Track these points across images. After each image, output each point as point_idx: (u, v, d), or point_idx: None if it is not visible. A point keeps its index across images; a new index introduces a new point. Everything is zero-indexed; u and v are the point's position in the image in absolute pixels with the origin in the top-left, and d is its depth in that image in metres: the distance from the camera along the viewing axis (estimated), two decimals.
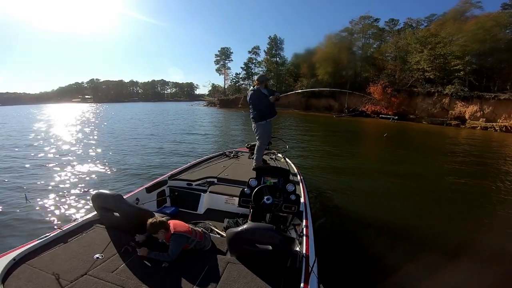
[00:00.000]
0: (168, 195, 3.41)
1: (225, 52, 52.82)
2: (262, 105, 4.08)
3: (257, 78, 4.21)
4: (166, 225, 1.94)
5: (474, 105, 24.25)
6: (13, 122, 22.46)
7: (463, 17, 27.66)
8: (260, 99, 4.06)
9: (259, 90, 4.07)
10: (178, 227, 1.97)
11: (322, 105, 35.61)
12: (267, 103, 4.06)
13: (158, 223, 1.90)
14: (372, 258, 3.33)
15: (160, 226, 1.90)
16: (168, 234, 1.92)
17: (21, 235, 3.49)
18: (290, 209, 2.67)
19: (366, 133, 19.64)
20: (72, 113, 35.31)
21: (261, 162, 4.28)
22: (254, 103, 4.11)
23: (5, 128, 17.03)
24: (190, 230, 2.01)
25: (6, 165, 7.21)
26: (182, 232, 1.94)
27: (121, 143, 11.05)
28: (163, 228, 1.91)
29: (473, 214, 4.92)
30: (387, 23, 38.72)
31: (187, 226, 2.06)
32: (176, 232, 1.92)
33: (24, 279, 1.58)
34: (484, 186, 6.51)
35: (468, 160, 9.73)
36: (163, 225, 1.92)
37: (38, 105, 69.61)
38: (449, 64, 26.32)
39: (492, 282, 2.96)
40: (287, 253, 1.85)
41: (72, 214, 4.13)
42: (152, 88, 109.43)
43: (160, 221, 1.92)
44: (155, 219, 1.92)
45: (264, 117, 4.16)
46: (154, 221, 1.90)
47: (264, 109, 4.12)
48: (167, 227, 1.93)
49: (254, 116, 4.19)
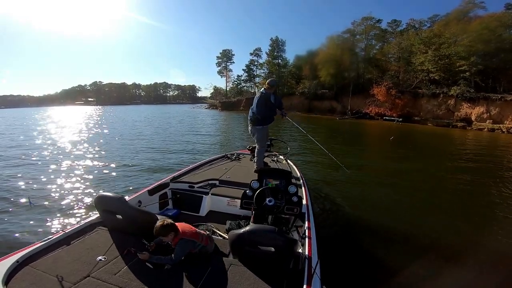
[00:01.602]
0: (170, 197, 3.41)
1: (226, 54, 52.79)
2: (266, 112, 4.07)
3: (268, 82, 4.12)
4: (176, 229, 1.92)
5: (480, 107, 23.82)
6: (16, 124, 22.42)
7: (466, 18, 27.54)
8: (265, 105, 4.02)
9: (269, 95, 4.05)
10: (186, 232, 1.95)
11: (325, 107, 35.29)
12: (270, 112, 4.09)
13: (169, 226, 1.88)
14: (374, 260, 3.31)
15: (171, 229, 1.88)
16: (176, 238, 1.90)
17: (25, 237, 3.49)
18: (292, 210, 2.69)
19: (370, 136, 19.35)
20: (76, 115, 35.48)
21: (262, 164, 4.21)
22: (259, 107, 4.05)
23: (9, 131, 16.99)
24: (197, 234, 2.00)
25: (11, 167, 7.20)
26: (190, 237, 1.93)
27: (123, 146, 11.00)
28: (173, 231, 1.89)
29: (478, 217, 4.82)
30: (390, 24, 38.58)
31: (194, 230, 2.04)
32: (184, 237, 1.90)
33: (27, 281, 1.58)
34: (490, 189, 6.34)
35: (475, 163, 9.51)
36: (173, 228, 1.90)
37: (41, 107, 69.92)
38: (454, 65, 25.98)
39: (496, 284, 2.94)
40: (289, 255, 1.85)
41: (75, 217, 4.13)
42: (154, 90, 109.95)
43: (171, 224, 1.89)
44: (166, 222, 1.89)
45: (263, 123, 4.17)
46: (165, 223, 1.87)
47: (266, 116, 4.13)
48: (177, 231, 1.91)
49: (254, 119, 4.16)
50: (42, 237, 2.04)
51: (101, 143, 11.84)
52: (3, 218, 4.09)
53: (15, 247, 1.98)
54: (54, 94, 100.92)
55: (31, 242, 1.97)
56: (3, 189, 5.40)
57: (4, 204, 4.63)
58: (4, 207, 4.50)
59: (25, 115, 36.90)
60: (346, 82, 34.37)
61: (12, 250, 1.85)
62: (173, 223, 1.92)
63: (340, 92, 34.49)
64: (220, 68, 53.11)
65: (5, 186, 5.59)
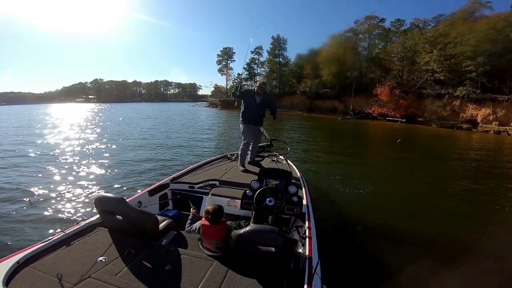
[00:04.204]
0: (170, 198, 3.44)
1: (227, 52, 52.17)
2: (263, 113, 4.29)
3: (261, 85, 4.24)
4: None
5: (486, 108, 23.25)
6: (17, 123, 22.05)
7: (472, 18, 27.02)
8: (264, 107, 4.26)
9: (269, 97, 4.34)
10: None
11: (326, 106, 34.77)
12: (264, 112, 4.32)
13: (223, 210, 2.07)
14: (375, 259, 3.29)
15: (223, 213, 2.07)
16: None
17: (25, 238, 3.48)
18: (292, 210, 2.70)
19: (373, 137, 18.91)
20: (76, 113, 35.14)
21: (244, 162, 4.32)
22: (260, 108, 4.20)
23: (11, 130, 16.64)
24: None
25: (10, 167, 7.11)
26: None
27: (123, 146, 10.82)
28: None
29: (481, 220, 4.74)
30: (393, 24, 37.84)
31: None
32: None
33: (28, 282, 1.58)
34: (496, 192, 6.23)
35: (480, 166, 9.19)
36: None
37: (42, 104, 69.75)
38: (460, 65, 25.40)
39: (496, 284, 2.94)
40: (290, 255, 1.85)
41: (75, 217, 4.12)
42: (155, 88, 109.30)
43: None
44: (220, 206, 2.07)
45: (261, 123, 4.36)
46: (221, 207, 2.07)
47: (262, 117, 4.34)
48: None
49: (255, 119, 4.25)
50: (42, 238, 2.06)
51: (101, 142, 11.64)
52: (3, 219, 4.04)
53: (15, 248, 2.04)
54: (55, 92, 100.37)
55: (31, 243, 1.98)
56: (3, 189, 5.31)
57: (4, 204, 4.58)
58: (4, 207, 4.45)
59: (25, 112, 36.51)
60: (349, 81, 33.81)
61: (13, 251, 1.85)
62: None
63: (342, 91, 33.95)
64: (221, 66, 52.58)
65: (4, 186, 5.49)
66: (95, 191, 5.25)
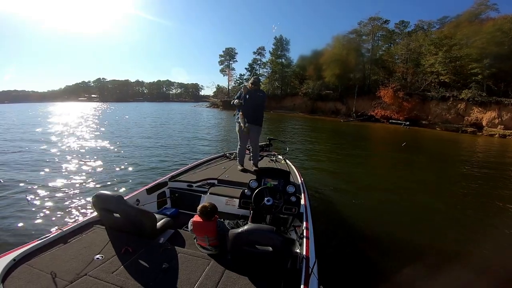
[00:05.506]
0: (169, 196, 3.43)
1: (229, 53, 52.13)
2: (259, 109, 4.05)
3: (255, 82, 4.00)
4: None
5: (492, 111, 22.86)
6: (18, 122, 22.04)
7: (478, 19, 26.60)
8: (259, 104, 4.01)
9: (264, 94, 4.08)
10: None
11: (329, 108, 34.49)
12: (261, 110, 4.10)
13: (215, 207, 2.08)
14: (372, 260, 3.30)
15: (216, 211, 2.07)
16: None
17: (21, 235, 3.47)
18: (290, 210, 2.70)
19: (376, 139, 18.62)
20: (78, 112, 35.17)
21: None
22: (258, 106, 4.01)
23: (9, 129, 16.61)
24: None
25: (9, 165, 7.01)
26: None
27: (122, 144, 10.78)
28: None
29: (482, 224, 4.70)
30: (397, 25, 37.48)
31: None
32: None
33: (24, 279, 1.58)
34: (500, 198, 6.04)
35: (485, 170, 8.97)
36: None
37: (44, 103, 70.03)
38: (466, 67, 25.02)
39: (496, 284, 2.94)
40: (287, 255, 1.86)
41: (72, 215, 4.11)
42: (157, 88, 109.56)
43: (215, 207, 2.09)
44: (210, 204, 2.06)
45: (258, 121, 4.10)
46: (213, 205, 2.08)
47: (259, 115, 4.08)
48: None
49: (254, 118, 4.02)
50: (39, 235, 2.06)
51: (100, 141, 11.58)
52: (0, 216, 4.02)
53: (12, 245, 2.02)
54: (58, 90, 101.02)
55: (28, 240, 1.96)
56: (0, 187, 5.26)
57: (1, 201, 4.55)
58: (1, 204, 4.43)
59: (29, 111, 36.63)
60: (351, 83, 33.48)
61: (9, 248, 1.84)
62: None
63: (345, 93, 33.62)
64: (223, 66, 52.53)
65: (2, 183, 5.45)
66: (93, 188, 5.23)
